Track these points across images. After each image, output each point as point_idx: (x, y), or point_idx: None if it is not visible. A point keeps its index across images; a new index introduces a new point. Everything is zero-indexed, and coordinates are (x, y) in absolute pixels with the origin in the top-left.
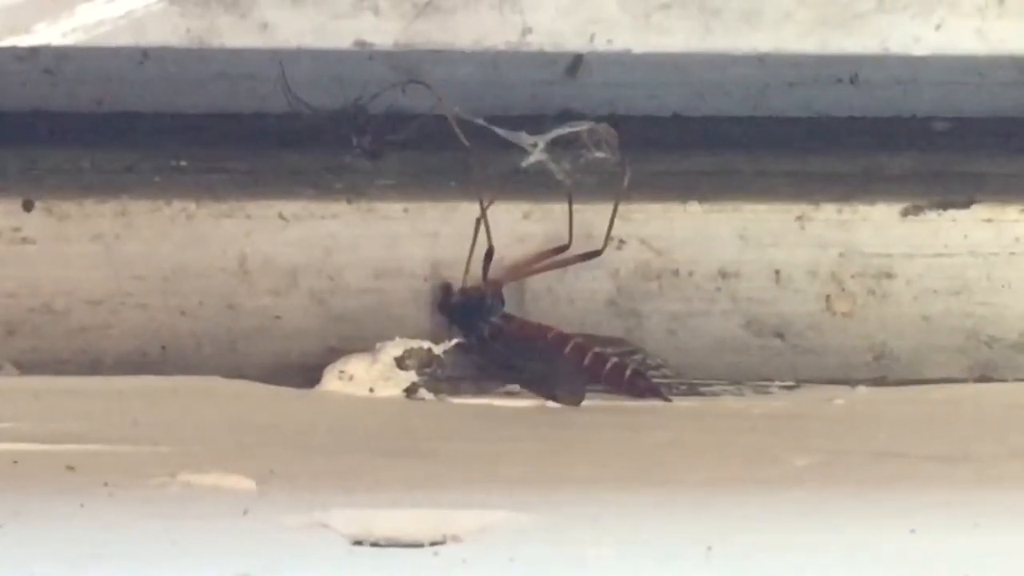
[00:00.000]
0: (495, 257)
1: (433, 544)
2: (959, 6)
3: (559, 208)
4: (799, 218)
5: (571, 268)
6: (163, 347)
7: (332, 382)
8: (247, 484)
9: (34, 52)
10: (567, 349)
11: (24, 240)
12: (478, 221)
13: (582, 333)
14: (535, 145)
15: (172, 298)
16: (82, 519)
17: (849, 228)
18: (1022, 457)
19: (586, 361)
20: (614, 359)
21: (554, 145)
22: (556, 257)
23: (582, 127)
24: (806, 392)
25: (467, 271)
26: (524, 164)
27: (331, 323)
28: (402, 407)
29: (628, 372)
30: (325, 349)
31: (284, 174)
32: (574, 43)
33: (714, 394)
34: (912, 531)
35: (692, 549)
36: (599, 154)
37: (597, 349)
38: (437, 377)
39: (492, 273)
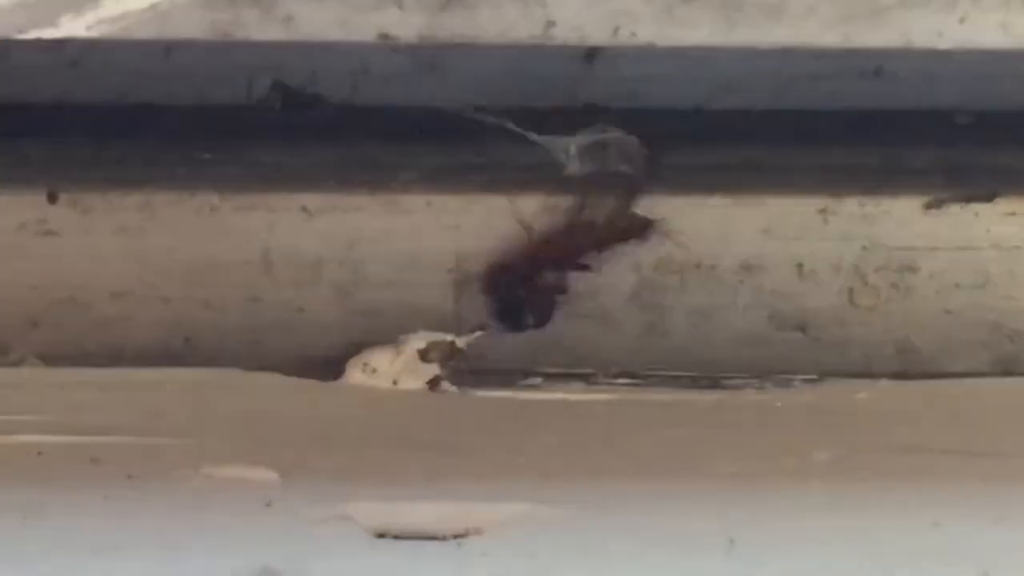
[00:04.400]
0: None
1: (455, 537)
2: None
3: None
4: (822, 211)
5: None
6: (186, 339)
7: (355, 375)
8: (270, 476)
9: (59, 44)
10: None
11: (48, 232)
12: None
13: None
14: (567, 151)
15: (195, 290)
16: (106, 511)
17: (872, 221)
18: None
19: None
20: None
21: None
22: None
23: (611, 134)
24: (829, 386)
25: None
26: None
27: (354, 316)
28: (425, 400)
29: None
30: (348, 342)
31: (307, 167)
32: (597, 36)
33: (737, 387)
34: (935, 524)
35: (714, 542)
36: (623, 167)
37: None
38: (460, 370)
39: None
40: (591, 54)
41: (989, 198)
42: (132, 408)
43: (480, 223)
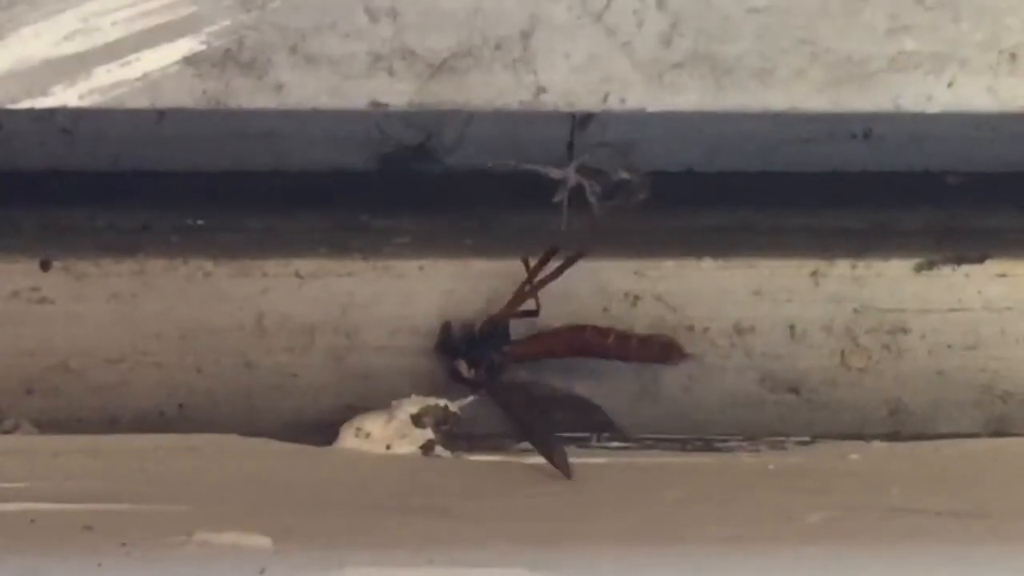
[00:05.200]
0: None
1: None
2: (970, 64)
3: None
4: (813, 274)
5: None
6: (180, 405)
7: (349, 439)
8: (264, 542)
9: (51, 112)
10: (587, 333)
11: (42, 300)
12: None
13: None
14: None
15: (189, 356)
16: None
17: (863, 283)
18: None
19: (610, 340)
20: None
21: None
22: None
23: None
24: (821, 447)
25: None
26: (556, 199)
27: (347, 380)
28: (418, 464)
29: (657, 343)
30: (342, 406)
31: (300, 232)
32: (588, 102)
33: (729, 450)
34: None
35: None
36: (624, 175)
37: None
38: (453, 434)
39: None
40: (585, 120)
41: (980, 259)
42: (126, 475)
43: (473, 287)
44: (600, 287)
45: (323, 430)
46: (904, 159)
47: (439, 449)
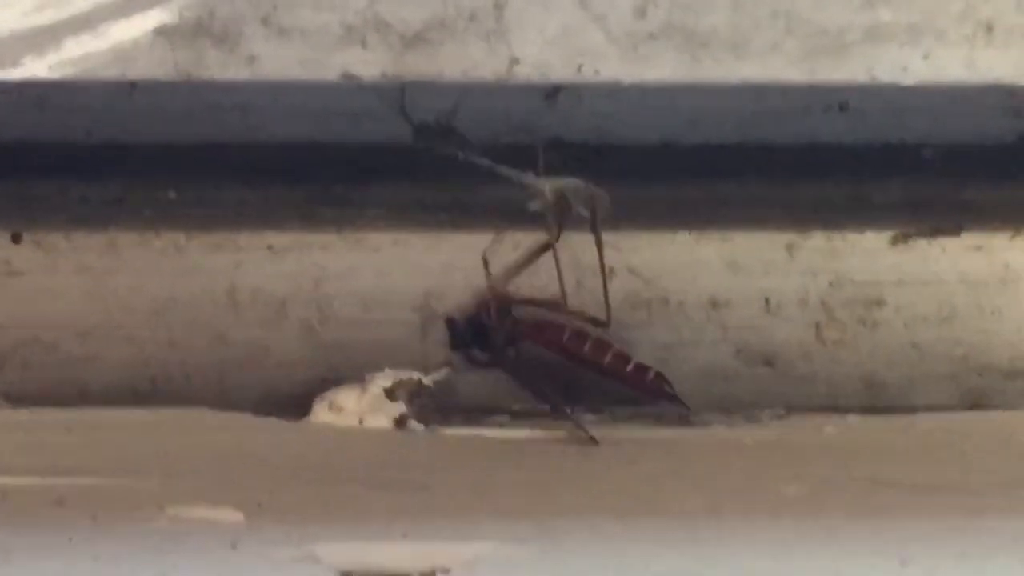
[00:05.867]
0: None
1: None
2: (947, 36)
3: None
4: (789, 246)
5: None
6: (152, 379)
7: (322, 413)
8: (236, 517)
9: (21, 83)
10: (586, 347)
11: (12, 273)
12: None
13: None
14: (541, 189)
15: (161, 330)
16: (70, 553)
17: (839, 256)
18: (1013, 486)
19: (607, 359)
20: (636, 360)
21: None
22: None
23: (580, 186)
24: (796, 421)
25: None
26: (532, 207)
27: (321, 354)
28: (392, 438)
29: (651, 373)
30: (315, 380)
31: (273, 205)
32: (561, 74)
33: (705, 423)
34: (902, 562)
35: None
36: (583, 213)
37: (619, 347)
38: (427, 408)
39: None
40: (554, 91)
41: (956, 232)
42: (97, 449)
43: (447, 261)
44: (574, 260)
45: (296, 404)
46: (880, 132)
47: (412, 423)
